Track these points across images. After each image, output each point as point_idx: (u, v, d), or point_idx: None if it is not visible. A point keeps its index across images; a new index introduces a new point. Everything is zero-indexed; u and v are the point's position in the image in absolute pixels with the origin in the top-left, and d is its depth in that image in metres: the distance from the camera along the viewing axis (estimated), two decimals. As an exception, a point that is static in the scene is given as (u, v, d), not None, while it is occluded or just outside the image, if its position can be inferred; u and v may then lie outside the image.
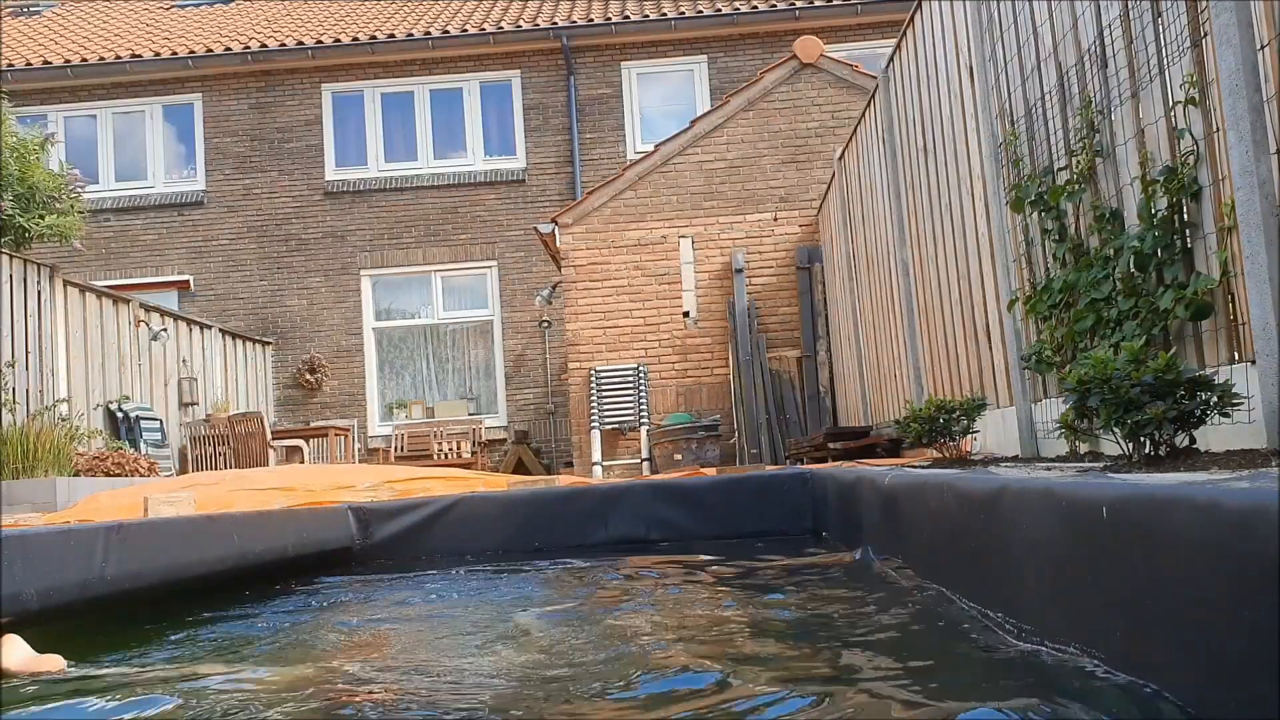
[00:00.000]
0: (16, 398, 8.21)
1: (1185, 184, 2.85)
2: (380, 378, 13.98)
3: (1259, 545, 1.07)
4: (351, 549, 4.26)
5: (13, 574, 2.27)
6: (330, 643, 2.63)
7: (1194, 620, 1.23)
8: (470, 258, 13.88)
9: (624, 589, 3.36)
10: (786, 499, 4.47)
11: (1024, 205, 3.99)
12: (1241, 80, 2.34)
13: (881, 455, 6.30)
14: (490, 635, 2.59)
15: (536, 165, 13.94)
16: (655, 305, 10.48)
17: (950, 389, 5.48)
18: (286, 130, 14.17)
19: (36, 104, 13.94)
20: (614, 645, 2.26)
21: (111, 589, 2.63)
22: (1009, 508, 1.91)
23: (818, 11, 13.76)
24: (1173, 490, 1.31)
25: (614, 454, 10.33)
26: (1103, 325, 3.34)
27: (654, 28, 13.85)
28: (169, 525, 3.10)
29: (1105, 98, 3.37)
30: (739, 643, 2.25)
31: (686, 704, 1.65)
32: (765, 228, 10.45)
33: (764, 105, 10.61)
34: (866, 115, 7.27)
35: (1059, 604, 1.69)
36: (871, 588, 2.81)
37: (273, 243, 13.99)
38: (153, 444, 10.11)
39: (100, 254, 13.78)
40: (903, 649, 2.05)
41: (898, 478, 2.95)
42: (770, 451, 9.74)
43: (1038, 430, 4.08)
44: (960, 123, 4.96)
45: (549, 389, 13.56)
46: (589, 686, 1.84)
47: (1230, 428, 2.42)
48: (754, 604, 2.79)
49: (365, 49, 14.00)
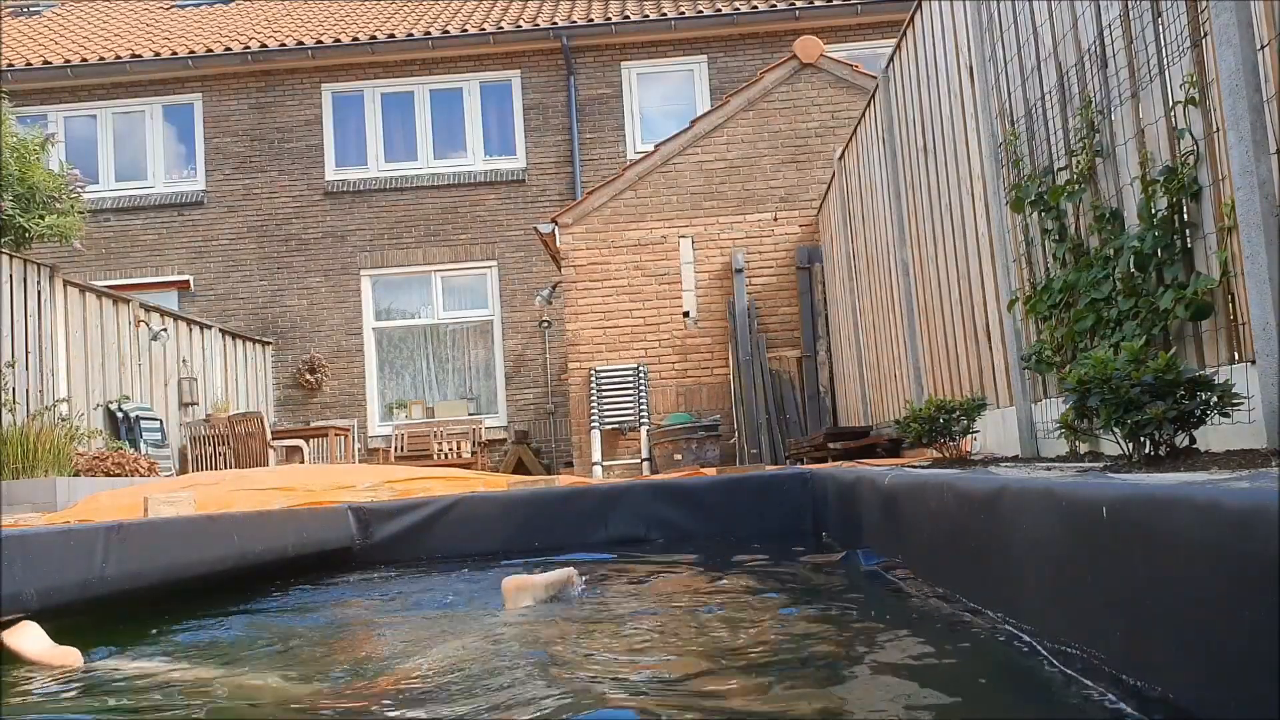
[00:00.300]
0: (16, 398, 8.21)
1: (1185, 184, 2.85)
2: (380, 378, 13.98)
3: (1259, 545, 1.07)
4: (351, 549, 4.26)
5: (13, 574, 2.27)
6: (330, 642, 2.63)
7: (1194, 620, 1.23)
8: (470, 258, 13.88)
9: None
10: (786, 499, 4.47)
11: (1024, 205, 3.99)
12: (1241, 80, 2.34)
13: (881, 455, 6.30)
14: (483, 633, 2.59)
15: (536, 165, 13.94)
16: (655, 305, 10.48)
17: (950, 389, 5.48)
18: (286, 130, 14.17)
19: (36, 104, 13.95)
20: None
21: (111, 589, 2.63)
22: (1009, 508, 1.91)
23: (818, 11, 13.76)
24: (1173, 490, 1.30)
25: (614, 454, 10.33)
26: (1103, 325, 3.34)
27: (654, 28, 13.85)
28: (169, 525, 3.10)
29: (1105, 98, 3.38)
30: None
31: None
32: (765, 228, 10.45)
33: (764, 105, 10.61)
34: (866, 115, 7.27)
35: (1059, 604, 1.69)
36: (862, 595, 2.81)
37: (273, 243, 13.99)
38: (153, 444, 10.11)
39: (100, 254, 13.79)
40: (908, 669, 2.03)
41: (898, 478, 2.95)
42: (770, 451, 9.74)
43: (1038, 430, 4.08)
44: (960, 123, 4.96)
45: (549, 389, 13.56)
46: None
47: (1230, 428, 2.42)
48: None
49: (365, 49, 14.00)
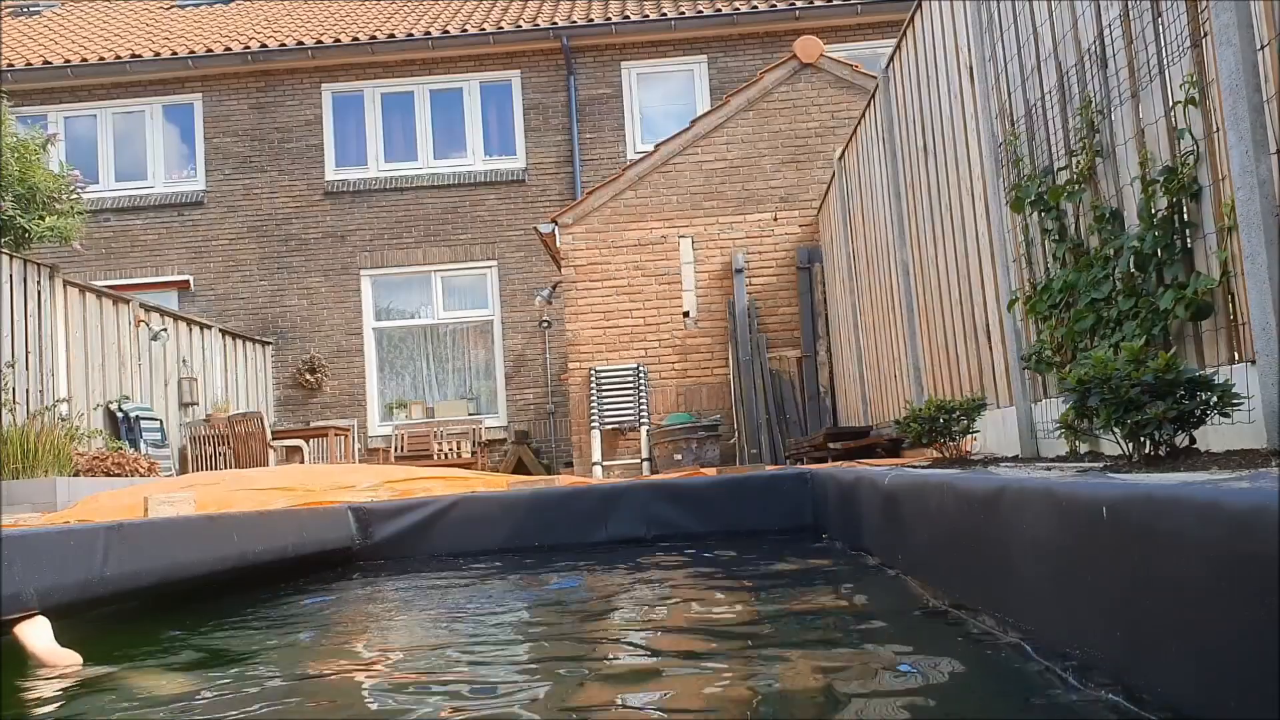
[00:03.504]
0: (16, 398, 8.21)
1: (1185, 184, 2.85)
2: (380, 378, 13.98)
3: (1259, 545, 1.07)
4: (351, 549, 4.26)
5: (13, 574, 2.27)
6: (330, 642, 2.63)
7: (1194, 620, 1.23)
8: (470, 258, 13.87)
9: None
10: (786, 499, 4.47)
11: (1024, 205, 3.99)
12: (1241, 80, 2.34)
13: (881, 455, 6.30)
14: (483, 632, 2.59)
15: (536, 165, 13.94)
16: (655, 305, 10.48)
17: (950, 389, 5.48)
18: (286, 130, 14.17)
19: (36, 104, 13.95)
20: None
21: (111, 589, 2.63)
22: (1009, 508, 1.91)
23: (818, 11, 13.76)
24: (1173, 490, 1.30)
25: (614, 454, 10.33)
26: (1103, 325, 3.34)
27: (654, 28, 13.85)
28: (169, 525, 3.10)
29: (1105, 98, 3.37)
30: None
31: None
32: (765, 228, 10.45)
33: (764, 105, 10.60)
34: (866, 115, 7.27)
35: (1058, 603, 1.69)
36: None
37: (273, 243, 13.99)
38: (153, 444, 10.11)
39: (100, 254, 13.78)
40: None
41: (898, 478, 2.94)
42: (770, 451, 9.74)
43: (1038, 430, 4.08)
44: (960, 123, 4.96)
45: (549, 389, 13.56)
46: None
47: (1230, 428, 2.42)
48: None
49: (365, 49, 14.00)
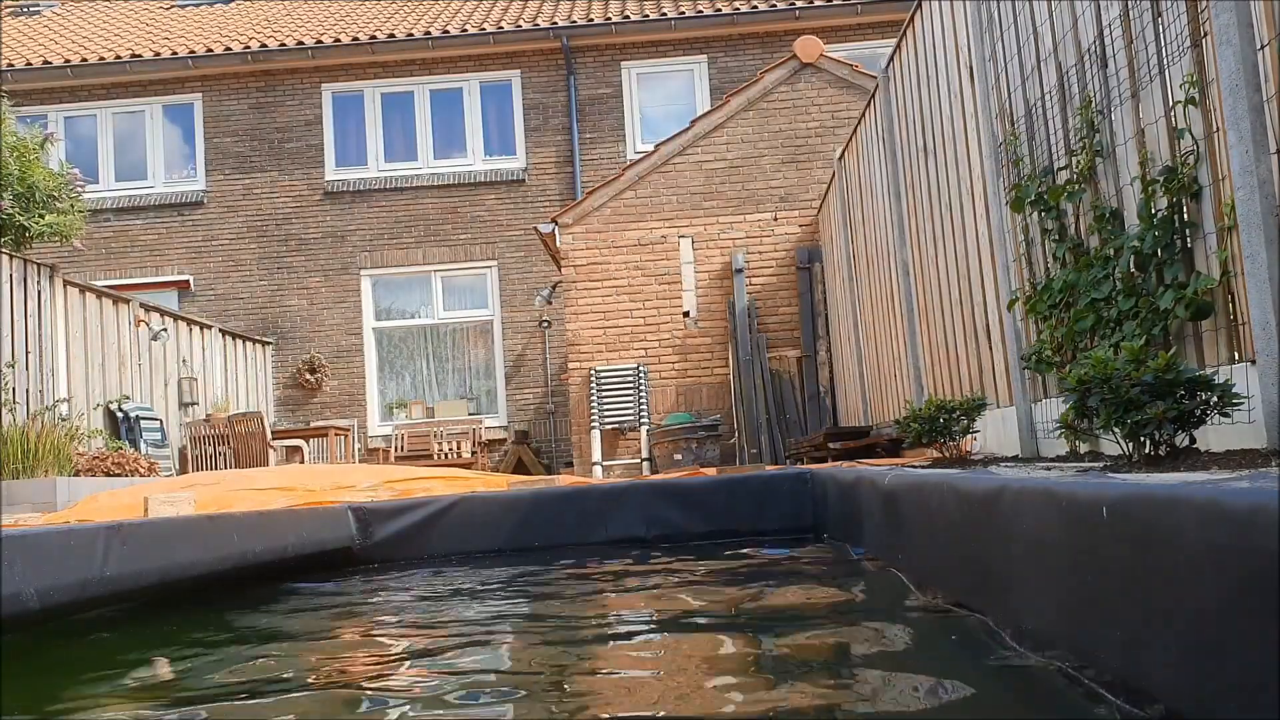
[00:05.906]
0: (16, 398, 8.21)
1: (1185, 184, 2.85)
2: (380, 378, 13.98)
3: (1259, 545, 1.07)
4: (351, 549, 4.26)
5: (13, 574, 2.27)
6: (330, 641, 2.63)
7: (1194, 620, 1.23)
8: (470, 258, 13.87)
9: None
10: (787, 499, 4.47)
11: (1024, 205, 3.99)
12: (1241, 80, 2.34)
13: (881, 455, 6.30)
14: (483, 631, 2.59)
15: (536, 165, 13.94)
16: (655, 305, 10.48)
17: (950, 389, 5.48)
18: (286, 130, 14.17)
19: (36, 104, 13.94)
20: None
21: (111, 589, 2.63)
22: (1009, 508, 1.91)
23: (818, 11, 13.76)
24: (1173, 490, 1.30)
25: (614, 454, 10.33)
26: (1103, 325, 3.34)
27: (654, 28, 13.85)
28: (169, 525, 3.10)
29: (1105, 98, 3.37)
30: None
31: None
32: (765, 228, 10.45)
33: (764, 105, 10.60)
34: (866, 115, 7.27)
35: (1058, 603, 1.69)
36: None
37: (273, 243, 13.99)
38: (153, 444, 10.11)
39: (100, 254, 13.78)
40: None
41: (898, 478, 2.94)
42: (770, 451, 9.74)
43: (1038, 430, 4.08)
44: (960, 123, 4.96)
45: (549, 389, 13.56)
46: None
47: (1230, 428, 2.42)
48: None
49: (365, 49, 14.00)
